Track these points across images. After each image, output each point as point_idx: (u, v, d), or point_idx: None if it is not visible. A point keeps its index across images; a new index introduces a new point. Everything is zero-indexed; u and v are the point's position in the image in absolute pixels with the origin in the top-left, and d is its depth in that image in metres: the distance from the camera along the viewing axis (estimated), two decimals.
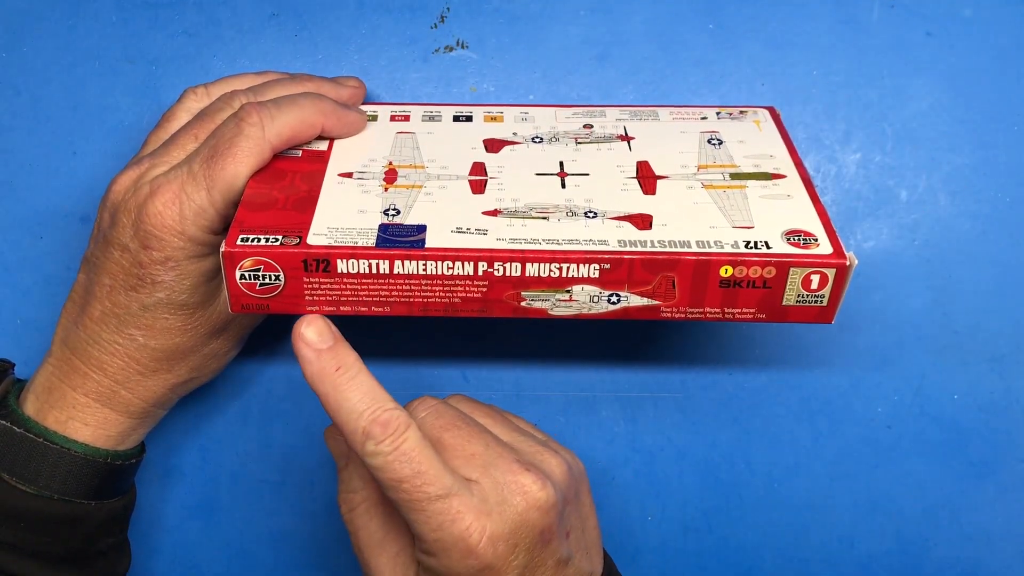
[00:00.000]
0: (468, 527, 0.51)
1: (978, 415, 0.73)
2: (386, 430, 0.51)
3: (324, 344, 0.53)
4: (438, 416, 0.56)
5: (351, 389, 0.52)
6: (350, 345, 0.54)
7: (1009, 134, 0.69)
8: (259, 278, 0.53)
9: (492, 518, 0.52)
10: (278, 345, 0.74)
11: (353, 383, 0.53)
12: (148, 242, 0.55)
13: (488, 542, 0.52)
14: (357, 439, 0.52)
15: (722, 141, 0.63)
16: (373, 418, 0.52)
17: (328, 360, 0.53)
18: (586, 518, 0.60)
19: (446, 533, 0.51)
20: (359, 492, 0.58)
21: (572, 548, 0.57)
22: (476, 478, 0.54)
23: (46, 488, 0.59)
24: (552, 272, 0.52)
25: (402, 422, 0.52)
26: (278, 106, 0.58)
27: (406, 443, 0.51)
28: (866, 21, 0.69)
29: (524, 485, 0.53)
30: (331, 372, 0.53)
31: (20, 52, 0.71)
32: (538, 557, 0.54)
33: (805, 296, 0.53)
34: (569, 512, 0.57)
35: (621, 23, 0.70)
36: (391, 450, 0.51)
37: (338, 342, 0.54)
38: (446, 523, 0.51)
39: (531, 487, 0.53)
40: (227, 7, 0.70)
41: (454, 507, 0.51)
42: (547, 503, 0.54)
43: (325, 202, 0.56)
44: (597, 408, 0.74)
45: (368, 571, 0.58)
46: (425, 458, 0.52)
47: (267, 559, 0.78)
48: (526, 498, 0.53)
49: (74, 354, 0.60)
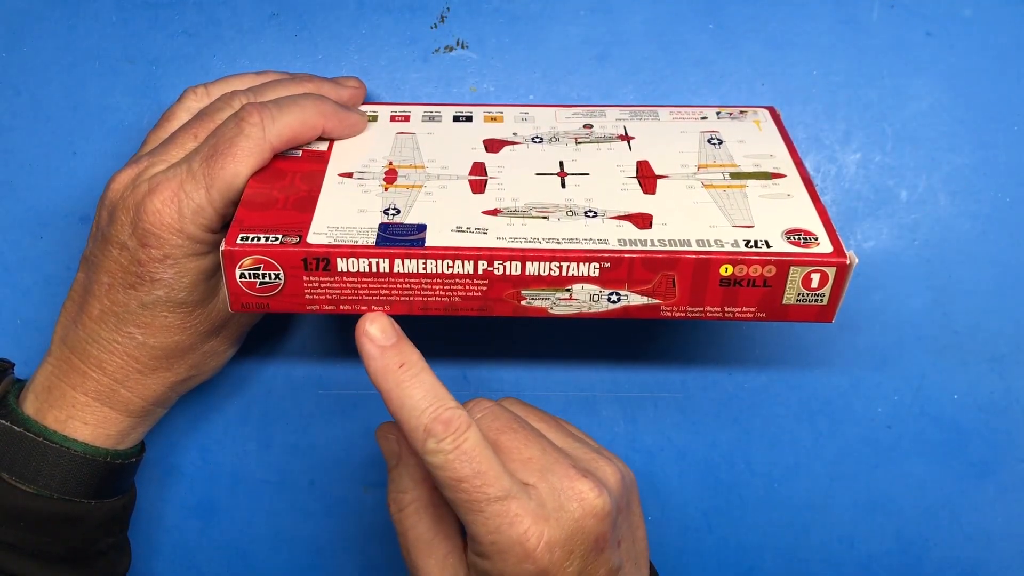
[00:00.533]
0: (526, 531, 0.51)
1: (978, 415, 0.73)
2: (448, 428, 0.51)
3: (388, 341, 0.53)
4: (495, 418, 0.56)
5: (414, 386, 0.52)
6: (413, 344, 0.54)
7: (1009, 134, 0.69)
8: (259, 277, 0.53)
9: (550, 523, 0.52)
10: (278, 344, 0.74)
11: (416, 380, 0.52)
12: (147, 240, 0.55)
13: (545, 547, 0.51)
14: (418, 436, 0.51)
15: (722, 141, 0.63)
16: (435, 416, 0.51)
17: (392, 357, 0.53)
18: (636, 528, 0.60)
19: (503, 536, 0.51)
20: (409, 492, 0.58)
21: (623, 557, 0.56)
22: (533, 482, 0.53)
23: (46, 487, 0.59)
24: (552, 271, 0.52)
25: (463, 421, 0.51)
26: (279, 106, 0.58)
27: (467, 442, 0.51)
28: (866, 21, 0.69)
29: (581, 492, 0.53)
30: (394, 369, 0.52)
31: (20, 52, 0.71)
32: (592, 565, 0.54)
33: (805, 295, 0.53)
34: (621, 521, 0.56)
35: (621, 23, 0.70)
36: (452, 448, 0.51)
37: (401, 339, 0.54)
38: (504, 526, 0.51)
39: (588, 494, 0.53)
40: (227, 7, 0.70)
41: (512, 510, 0.51)
42: (603, 511, 0.53)
43: (325, 202, 0.56)
44: (597, 408, 0.74)
45: (416, 572, 0.57)
46: (485, 459, 0.51)
47: (267, 559, 0.78)
48: (583, 505, 0.53)
49: (73, 353, 0.60)
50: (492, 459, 0.52)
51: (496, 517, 0.51)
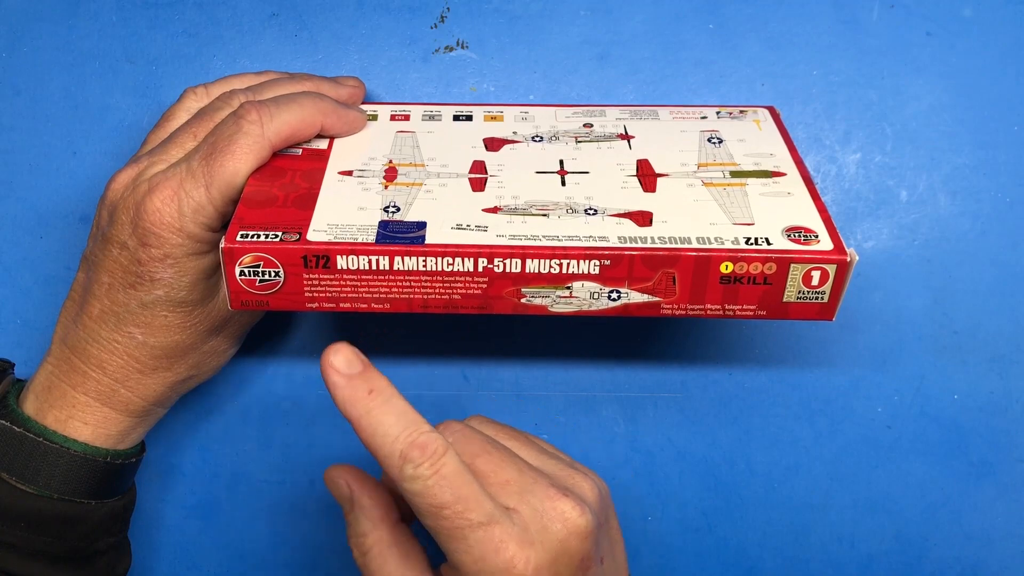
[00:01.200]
0: (512, 557, 0.49)
1: (978, 415, 0.73)
2: (424, 453, 0.48)
3: (353, 370, 0.50)
4: (468, 442, 0.54)
5: (385, 412, 0.49)
6: (380, 371, 0.51)
7: (1009, 134, 0.69)
8: (259, 274, 0.53)
9: (535, 547, 0.50)
10: (278, 344, 0.74)
11: (387, 406, 0.50)
12: (147, 239, 0.55)
13: (533, 572, 0.50)
14: (394, 463, 0.49)
15: (722, 140, 0.63)
16: (410, 441, 0.49)
17: (359, 385, 0.50)
18: (615, 543, 0.59)
19: (489, 564, 0.49)
20: (370, 535, 0.55)
21: (607, 574, 0.55)
22: (513, 505, 0.51)
23: (46, 487, 0.59)
24: (552, 268, 0.52)
25: (440, 445, 0.49)
26: (277, 104, 0.58)
27: (446, 467, 0.49)
28: (866, 21, 0.69)
29: (563, 512, 0.52)
30: (363, 397, 0.49)
31: (20, 52, 0.71)
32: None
33: (806, 292, 0.53)
34: (601, 537, 0.55)
35: (621, 23, 0.70)
36: (431, 473, 0.48)
37: (368, 367, 0.51)
38: (489, 553, 0.49)
39: (570, 513, 0.52)
40: (227, 7, 0.71)
41: (497, 536, 0.49)
42: (586, 529, 0.52)
43: (325, 199, 0.56)
44: (597, 408, 0.74)
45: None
46: (465, 483, 0.49)
47: (267, 559, 0.78)
48: (566, 525, 0.51)
49: (73, 353, 0.60)
50: (472, 483, 0.50)
51: (480, 544, 0.49)
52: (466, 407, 0.74)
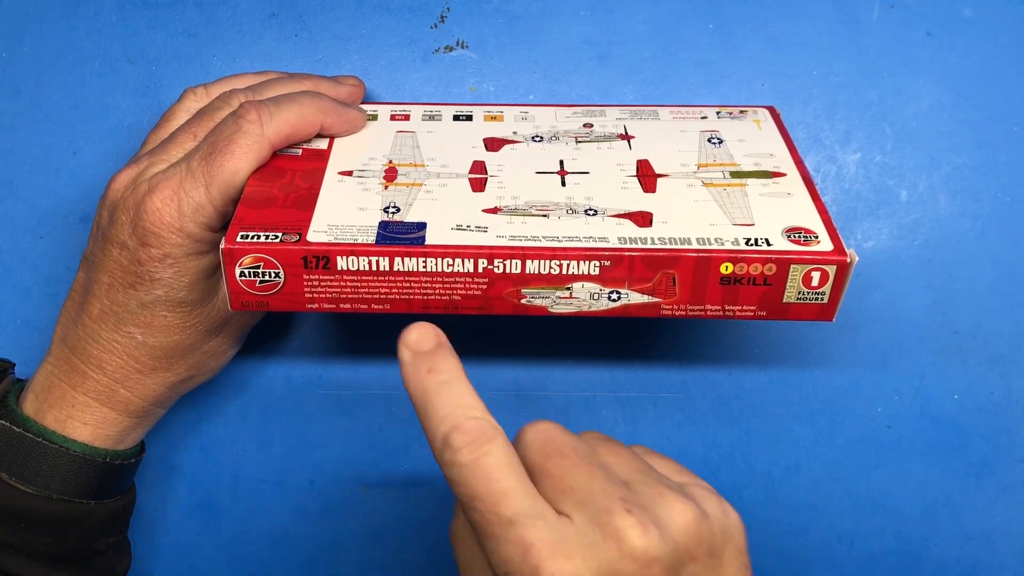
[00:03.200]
0: (539, 565, 0.43)
1: (978, 415, 0.73)
2: (466, 438, 0.44)
3: (424, 347, 0.47)
4: (547, 441, 0.47)
5: (440, 394, 0.46)
6: (455, 354, 0.48)
7: (1009, 134, 0.69)
8: (259, 275, 0.53)
9: (573, 561, 0.43)
10: (278, 344, 0.74)
11: (444, 387, 0.46)
12: (147, 239, 0.55)
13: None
14: (436, 446, 0.45)
15: (722, 140, 0.63)
16: (455, 424, 0.45)
17: (422, 362, 0.47)
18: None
19: (515, 568, 0.43)
20: (459, 518, 0.50)
21: None
22: (568, 512, 0.45)
23: (45, 488, 0.59)
24: (552, 269, 0.52)
25: (487, 433, 0.44)
26: (277, 104, 0.58)
27: (488, 457, 0.44)
28: (866, 21, 0.69)
29: (620, 529, 0.44)
30: (423, 374, 0.46)
31: (20, 52, 0.71)
32: None
33: (806, 293, 0.53)
34: (693, 571, 0.47)
35: (621, 23, 0.70)
36: (469, 460, 0.44)
37: (440, 347, 0.48)
38: (516, 556, 0.43)
39: (628, 532, 0.44)
40: (227, 7, 0.70)
41: (527, 538, 0.43)
42: (646, 554, 0.44)
43: (325, 200, 0.56)
44: (597, 408, 0.74)
45: None
46: (507, 478, 0.44)
47: (267, 559, 0.78)
48: (620, 544, 0.44)
49: (73, 353, 0.60)
50: (517, 479, 0.45)
51: (508, 545, 0.43)
52: None
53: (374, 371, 0.74)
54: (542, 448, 0.47)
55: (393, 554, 0.77)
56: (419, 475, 0.76)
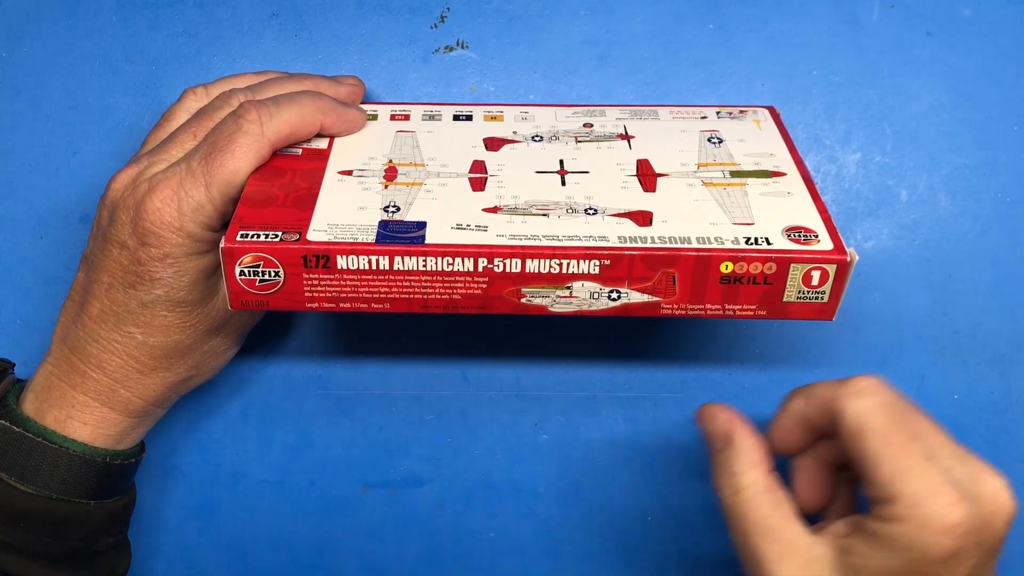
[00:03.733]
0: (952, 504, 0.48)
1: (978, 415, 0.73)
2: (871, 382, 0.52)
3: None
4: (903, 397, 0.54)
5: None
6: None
7: (1009, 134, 0.69)
8: (259, 274, 0.53)
9: (969, 507, 0.49)
10: (278, 344, 0.74)
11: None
12: (147, 239, 0.55)
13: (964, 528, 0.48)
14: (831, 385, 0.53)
15: (722, 140, 0.63)
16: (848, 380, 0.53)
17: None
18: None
19: (927, 503, 0.48)
20: (747, 474, 0.55)
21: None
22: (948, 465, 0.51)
23: (45, 488, 0.59)
24: (552, 268, 0.52)
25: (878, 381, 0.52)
26: (277, 104, 0.58)
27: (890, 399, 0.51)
28: (866, 21, 0.69)
29: (996, 488, 0.50)
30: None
31: (20, 52, 0.71)
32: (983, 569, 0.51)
33: (806, 292, 0.53)
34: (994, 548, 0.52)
35: (621, 23, 0.70)
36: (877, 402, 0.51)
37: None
38: (930, 491, 0.49)
39: (1002, 493, 0.50)
40: (227, 7, 0.71)
41: (938, 479, 0.49)
42: (1011, 515, 0.50)
43: (325, 199, 0.56)
44: (597, 408, 0.74)
45: (755, 559, 0.54)
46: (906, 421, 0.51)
47: (267, 559, 0.78)
48: (995, 500, 0.50)
49: (73, 353, 0.60)
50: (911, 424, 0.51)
51: (922, 479, 0.49)
52: (466, 407, 0.74)
53: (374, 371, 0.74)
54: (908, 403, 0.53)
55: (393, 554, 0.77)
56: (419, 475, 0.76)
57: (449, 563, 0.77)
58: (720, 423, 0.58)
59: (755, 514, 0.54)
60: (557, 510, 0.76)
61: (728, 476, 0.56)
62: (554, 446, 0.75)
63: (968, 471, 0.51)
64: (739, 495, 0.55)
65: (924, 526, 0.48)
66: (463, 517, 0.77)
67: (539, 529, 0.77)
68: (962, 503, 0.49)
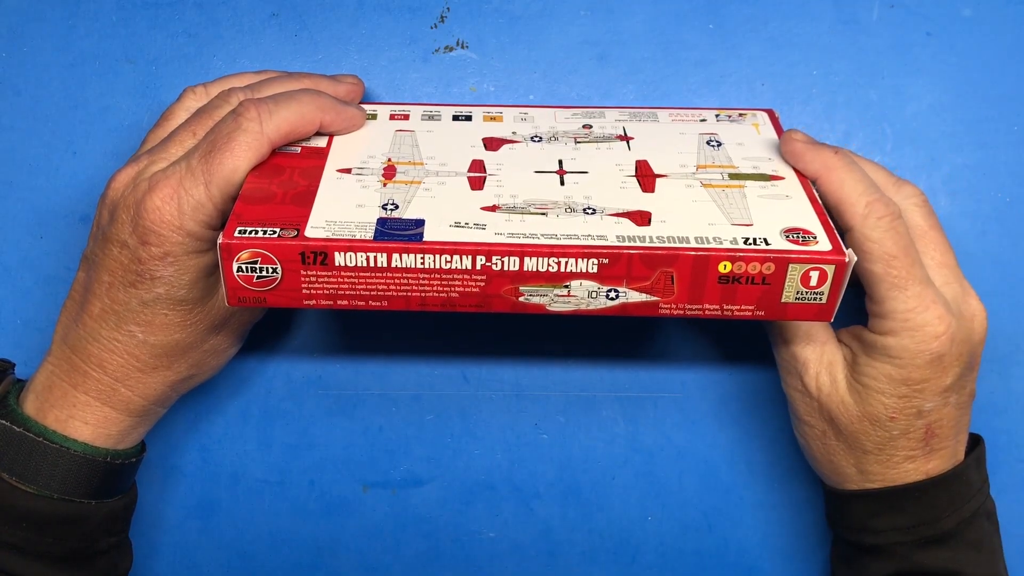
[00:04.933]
0: (940, 316, 0.57)
1: (978, 415, 0.72)
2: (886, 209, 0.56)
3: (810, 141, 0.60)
4: (929, 214, 0.61)
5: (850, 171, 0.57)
6: None
7: (1009, 134, 0.70)
8: (256, 271, 0.53)
9: (954, 321, 0.58)
10: (278, 344, 0.74)
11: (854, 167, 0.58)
12: (147, 238, 0.55)
13: (949, 336, 0.57)
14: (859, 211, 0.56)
15: (721, 143, 0.63)
16: (876, 197, 0.56)
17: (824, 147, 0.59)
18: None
19: (918, 315, 0.57)
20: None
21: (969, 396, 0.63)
22: (939, 284, 0.59)
23: (46, 487, 0.59)
24: (550, 267, 0.52)
25: (896, 209, 0.57)
26: (276, 102, 0.58)
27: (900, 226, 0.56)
28: (866, 21, 0.69)
29: (975, 308, 0.60)
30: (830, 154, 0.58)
31: (20, 52, 0.71)
32: (965, 378, 0.60)
33: (804, 293, 0.53)
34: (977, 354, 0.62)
35: (621, 23, 0.70)
36: (889, 227, 0.56)
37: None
38: (921, 306, 0.57)
39: (980, 313, 0.60)
40: (227, 7, 0.71)
41: (930, 295, 0.57)
42: (984, 333, 0.61)
43: (323, 197, 0.56)
44: (597, 408, 0.74)
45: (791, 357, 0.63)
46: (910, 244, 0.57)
47: (267, 559, 0.78)
48: (975, 319, 0.60)
49: (74, 352, 0.60)
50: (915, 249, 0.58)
51: (916, 297, 0.56)
52: (466, 407, 0.74)
53: (374, 371, 0.74)
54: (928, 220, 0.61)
55: (393, 554, 0.77)
56: (419, 475, 0.76)
57: (449, 563, 0.77)
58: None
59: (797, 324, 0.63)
60: (557, 510, 0.76)
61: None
62: (554, 446, 0.75)
63: (955, 291, 0.60)
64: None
65: (913, 336, 0.57)
66: (463, 517, 0.77)
67: (539, 529, 0.77)
68: (947, 316, 0.57)
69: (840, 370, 0.62)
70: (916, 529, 0.61)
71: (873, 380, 0.59)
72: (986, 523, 0.64)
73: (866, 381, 0.60)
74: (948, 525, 0.61)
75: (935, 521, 0.61)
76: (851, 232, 0.57)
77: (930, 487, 0.61)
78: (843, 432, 0.62)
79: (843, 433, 0.62)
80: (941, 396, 0.59)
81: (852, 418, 0.61)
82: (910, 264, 0.56)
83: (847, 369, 0.61)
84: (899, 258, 0.56)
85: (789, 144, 0.60)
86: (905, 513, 0.62)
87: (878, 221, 0.56)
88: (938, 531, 0.61)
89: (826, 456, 0.64)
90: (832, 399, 0.61)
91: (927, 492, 0.61)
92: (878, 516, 0.62)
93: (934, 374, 0.58)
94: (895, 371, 0.58)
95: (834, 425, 0.62)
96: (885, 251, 0.56)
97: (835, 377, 0.62)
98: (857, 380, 0.60)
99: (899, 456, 0.61)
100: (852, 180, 0.57)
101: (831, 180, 0.57)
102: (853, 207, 0.56)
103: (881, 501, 0.62)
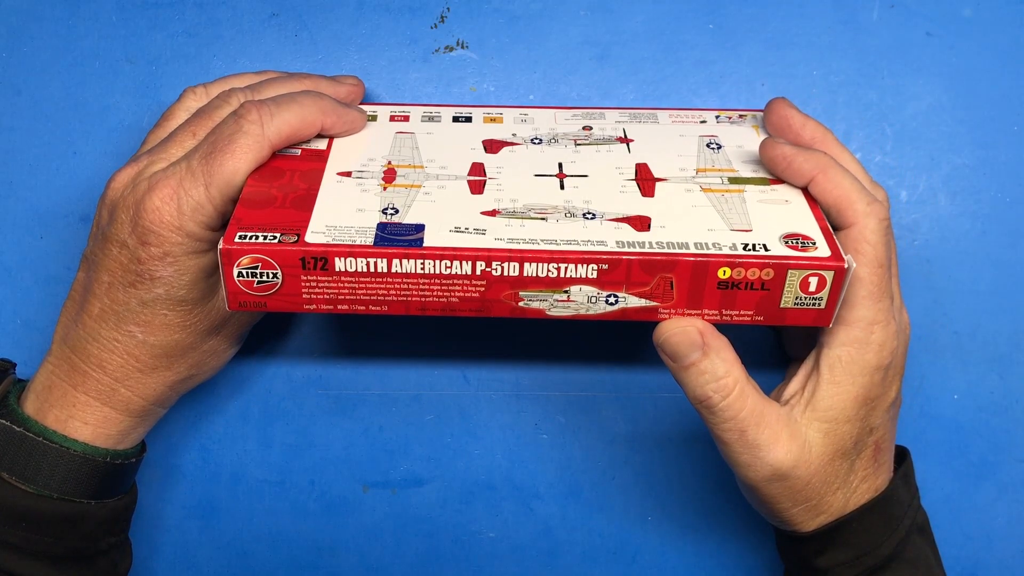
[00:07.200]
0: (895, 331, 0.57)
1: (978, 415, 0.73)
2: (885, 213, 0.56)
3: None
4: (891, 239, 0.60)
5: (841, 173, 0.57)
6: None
7: (1009, 134, 0.69)
8: (257, 276, 0.53)
9: (900, 338, 0.59)
10: (278, 344, 0.74)
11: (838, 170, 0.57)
12: (146, 238, 0.55)
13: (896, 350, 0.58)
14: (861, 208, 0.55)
15: (720, 146, 0.63)
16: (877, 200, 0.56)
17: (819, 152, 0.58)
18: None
19: (882, 329, 0.57)
20: (730, 375, 0.57)
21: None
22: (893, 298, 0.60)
23: (46, 487, 0.59)
24: (550, 272, 0.52)
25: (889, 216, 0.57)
26: (277, 104, 0.58)
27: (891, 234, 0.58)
28: (866, 21, 0.69)
29: (907, 323, 0.62)
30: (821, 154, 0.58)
31: (20, 52, 0.71)
32: (900, 388, 0.61)
33: (803, 298, 0.53)
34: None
35: (621, 23, 0.70)
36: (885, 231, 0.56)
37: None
38: (885, 320, 0.57)
39: (909, 326, 0.62)
40: (227, 7, 0.71)
41: (892, 310, 0.57)
42: (908, 341, 0.62)
43: (324, 201, 0.56)
44: (597, 408, 0.74)
45: (753, 448, 0.58)
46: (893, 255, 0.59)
47: (267, 559, 0.78)
48: (907, 331, 0.61)
49: (74, 352, 0.60)
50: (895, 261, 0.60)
51: (884, 311, 0.56)
52: (466, 407, 0.74)
53: (374, 371, 0.74)
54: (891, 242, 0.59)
55: (393, 554, 0.77)
56: (419, 475, 0.76)
57: (449, 563, 0.77)
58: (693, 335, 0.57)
59: (747, 404, 0.57)
60: (557, 510, 0.76)
61: (714, 382, 0.57)
62: (554, 446, 0.75)
63: (898, 301, 0.60)
64: (729, 396, 0.57)
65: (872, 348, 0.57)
66: (463, 517, 0.77)
67: (539, 529, 0.77)
68: (896, 334, 0.58)
69: (813, 433, 0.59)
70: (860, 560, 0.61)
71: (835, 411, 0.58)
72: (918, 538, 0.63)
73: (830, 415, 0.58)
74: (887, 550, 0.61)
75: (875, 548, 0.61)
76: (850, 230, 0.56)
77: (865, 513, 0.60)
78: (810, 488, 0.59)
79: (809, 488, 0.59)
80: (888, 411, 0.60)
81: (824, 465, 0.59)
82: (889, 277, 0.57)
83: (809, 424, 0.59)
84: (884, 268, 0.56)
85: (773, 149, 0.59)
86: (847, 546, 0.61)
87: (879, 224, 0.55)
88: (879, 558, 0.60)
89: (782, 515, 0.62)
90: (811, 464, 0.59)
91: (862, 520, 0.61)
92: (821, 554, 0.62)
93: (884, 389, 0.59)
94: (855, 390, 0.58)
95: (803, 492, 0.60)
96: (876, 256, 0.55)
97: (810, 444, 0.59)
98: (821, 421, 0.58)
99: (856, 479, 0.60)
100: (850, 178, 0.56)
101: (829, 179, 0.57)
102: (855, 204, 0.55)
103: (822, 539, 0.61)
